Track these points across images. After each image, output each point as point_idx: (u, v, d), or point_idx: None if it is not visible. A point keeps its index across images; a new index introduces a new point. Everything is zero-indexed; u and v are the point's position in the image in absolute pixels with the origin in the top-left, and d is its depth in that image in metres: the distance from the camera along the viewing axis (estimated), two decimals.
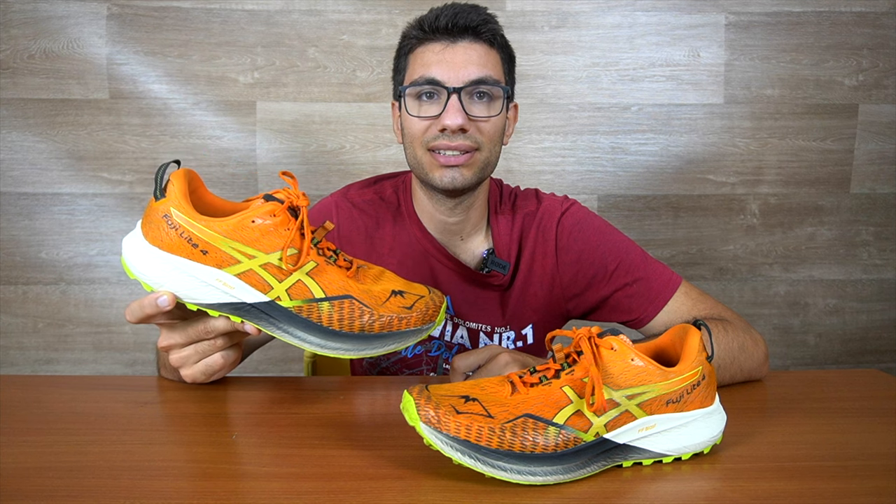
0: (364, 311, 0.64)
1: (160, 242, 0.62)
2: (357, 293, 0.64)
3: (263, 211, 0.62)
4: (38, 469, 0.56)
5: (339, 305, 0.63)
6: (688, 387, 0.57)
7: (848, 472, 0.57)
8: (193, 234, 0.61)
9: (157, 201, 0.62)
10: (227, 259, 0.62)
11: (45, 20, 1.64)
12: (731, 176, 1.79)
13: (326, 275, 0.64)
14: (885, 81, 1.76)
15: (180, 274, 0.62)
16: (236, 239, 0.61)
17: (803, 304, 1.84)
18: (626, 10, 1.73)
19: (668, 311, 0.91)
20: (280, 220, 0.62)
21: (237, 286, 0.62)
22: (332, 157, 1.73)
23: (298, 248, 0.63)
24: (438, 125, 0.86)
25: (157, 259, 0.62)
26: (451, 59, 0.86)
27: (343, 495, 0.52)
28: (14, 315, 1.73)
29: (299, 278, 0.63)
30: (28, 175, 1.69)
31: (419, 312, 0.66)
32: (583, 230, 0.96)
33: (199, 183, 0.66)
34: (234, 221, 0.61)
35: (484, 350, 0.78)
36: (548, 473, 0.53)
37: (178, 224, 0.61)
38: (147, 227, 0.63)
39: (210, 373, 0.70)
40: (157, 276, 0.63)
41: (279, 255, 0.62)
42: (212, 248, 0.61)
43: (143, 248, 0.63)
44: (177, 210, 0.61)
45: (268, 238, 0.62)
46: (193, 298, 0.63)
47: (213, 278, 0.62)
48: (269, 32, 1.68)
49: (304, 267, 0.63)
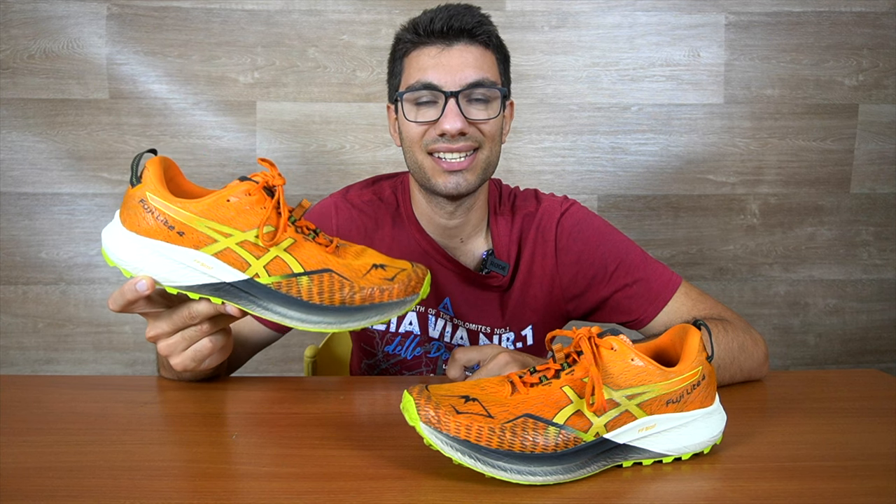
0: (344, 283, 0.63)
1: (137, 227, 0.62)
2: (336, 266, 0.64)
3: (239, 190, 0.62)
4: (38, 469, 0.56)
5: (319, 279, 0.63)
6: (688, 387, 0.57)
7: (848, 472, 0.57)
8: (169, 216, 0.61)
9: (134, 188, 0.62)
10: (203, 239, 0.62)
11: (45, 20, 1.64)
12: (731, 176, 1.79)
13: (304, 250, 0.64)
14: (885, 81, 1.76)
15: (158, 257, 0.62)
16: (212, 218, 0.61)
17: (803, 304, 1.84)
18: (626, 10, 1.73)
19: (668, 311, 0.91)
20: (256, 199, 0.62)
21: (215, 266, 0.62)
22: (332, 157, 1.73)
23: (275, 225, 0.63)
24: (437, 129, 0.85)
25: (135, 244, 0.62)
26: (447, 62, 0.85)
27: (343, 495, 0.52)
28: (14, 315, 1.73)
29: (277, 254, 0.63)
30: (28, 175, 1.69)
31: (401, 284, 0.65)
32: (582, 231, 0.95)
33: (175, 171, 0.66)
34: (210, 201, 0.62)
35: (485, 348, 0.78)
36: (548, 473, 0.53)
37: (154, 207, 0.61)
38: (125, 214, 0.63)
39: (199, 358, 0.69)
40: (136, 260, 0.63)
41: (255, 232, 0.62)
42: (188, 228, 0.61)
43: (122, 234, 0.63)
44: (152, 194, 0.61)
45: (244, 216, 0.62)
46: (172, 281, 0.63)
47: (190, 259, 0.62)
48: (269, 32, 1.68)
49: (282, 243, 0.63)
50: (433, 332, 0.97)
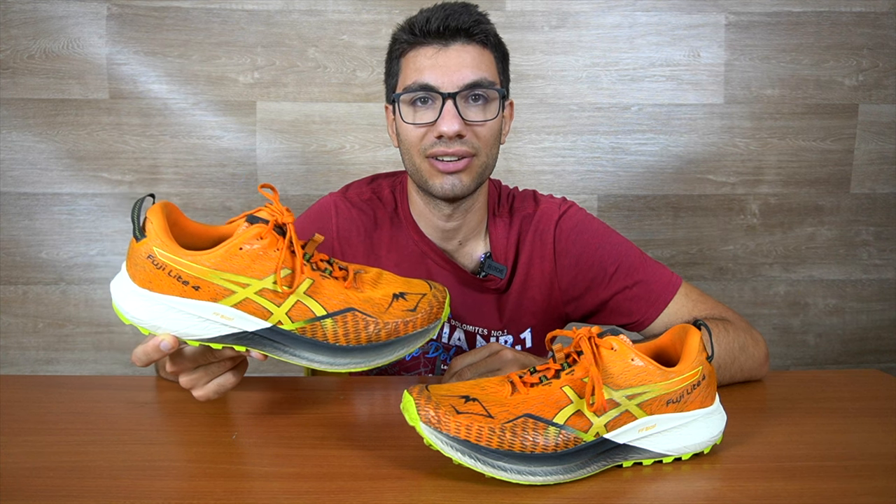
0: (368, 321, 0.62)
1: (149, 284, 0.59)
2: (358, 304, 0.63)
3: (250, 235, 0.60)
4: (38, 469, 0.56)
5: (343, 320, 0.62)
6: (688, 387, 0.57)
7: (848, 472, 0.57)
8: (182, 271, 0.59)
9: (139, 242, 0.59)
10: (220, 292, 0.59)
11: (45, 20, 1.64)
12: (731, 176, 1.79)
13: (325, 290, 0.62)
14: (885, 81, 1.76)
15: (176, 313, 0.60)
16: (227, 269, 0.59)
17: (803, 304, 1.84)
18: (626, 10, 1.73)
19: (668, 312, 0.91)
20: (268, 242, 0.60)
21: (236, 317, 0.60)
22: (332, 157, 1.73)
23: (291, 267, 0.61)
24: (435, 132, 0.84)
25: (149, 301, 0.60)
26: (444, 63, 0.84)
27: (343, 495, 0.52)
28: (14, 315, 1.73)
29: (298, 299, 0.61)
30: (28, 175, 1.69)
31: (424, 313, 0.65)
32: (581, 233, 0.95)
33: (178, 214, 0.63)
34: (222, 252, 0.59)
35: (483, 349, 0.78)
36: (548, 473, 0.53)
37: (164, 263, 0.59)
38: (133, 269, 0.60)
39: (222, 391, 0.68)
40: (152, 318, 0.60)
41: (273, 278, 0.60)
42: (203, 282, 0.59)
43: (133, 291, 0.60)
44: (160, 249, 0.59)
45: (259, 263, 0.60)
46: (193, 335, 0.61)
47: (209, 313, 0.60)
48: (269, 32, 1.68)
49: (301, 286, 0.61)
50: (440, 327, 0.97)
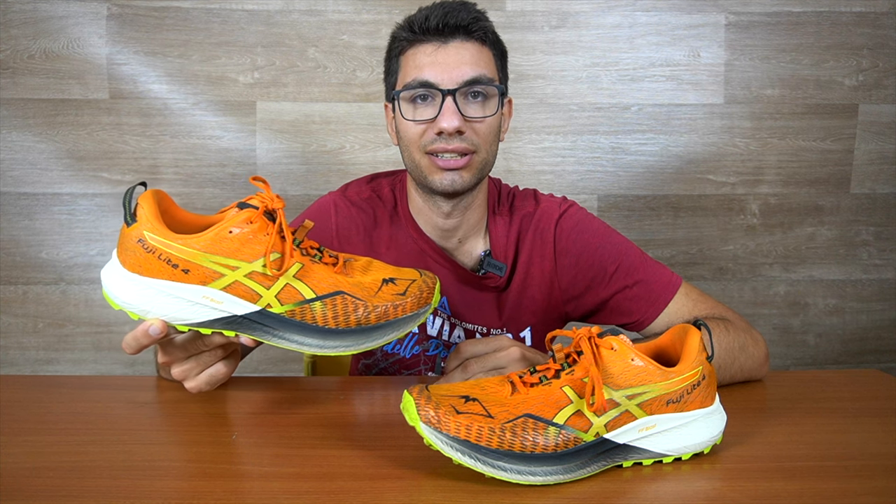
0: (357, 304, 0.63)
1: (139, 268, 0.60)
2: (347, 287, 0.63)
3: (240, 220, 0.60)
4: (38, 469, 0.56)
5: (332, 303, 0.62)
6: (688, 387, 0.57)
7: (848, 472, 0.57)
8: (171, 254, 0.59)
9: (129, 227, 0.60)
10: (210, 275, 0.60)
11: (45, 20, 1.64)
12: (731, 176, 1.79)
13: (314, 274, 0.63)
14: (885, 81, 1.76)
15: (165, 297, 0.60)
16: (216, 252, 0.60)
17: (803, 304, 1.84)
18: (626, 10, 1.73)
19: (668, 312, 0.91)
20: (258, 227, 0.61)
21: (225, 300, 0.61)
22: (332, 157, 1.73)
23: (281, 251, 0.61)
24: (435, 128, 0.85)
25: (139, 285, 0.60)
26: (443, 60, 0.85)
27: (343, 495, 0.52)
28: (14, 315, 1.73)
29: (287, 282, 0.61)
30: (28, 175, 1.69)
31: (413, 297, 0.65)
32: (581, 232, 0.95)
33: (169, 202, 0.64)
34: (212, 235, 0.60)
35: (492, 340, 0.77)
36: (548, 473, 0.53)
37: (154, 247, 0.59)
38: (123, 255, 0.61)
39: (215, 382, 0.69)
40: (142, 302, 0.61)
41: (262, 261, 0.60)
42: (192, 265, 0.59)
43: (123, 276, 0.61)
44: (150, 232, 0.59)
45: (248, 246, 0.60)
46: (183, 320, 0.61)
47: (199, 296, 0.60)
48: (269, 32, 1.68)
49: (290, 270, 0.62)
50: (431, 330, 0.97)
